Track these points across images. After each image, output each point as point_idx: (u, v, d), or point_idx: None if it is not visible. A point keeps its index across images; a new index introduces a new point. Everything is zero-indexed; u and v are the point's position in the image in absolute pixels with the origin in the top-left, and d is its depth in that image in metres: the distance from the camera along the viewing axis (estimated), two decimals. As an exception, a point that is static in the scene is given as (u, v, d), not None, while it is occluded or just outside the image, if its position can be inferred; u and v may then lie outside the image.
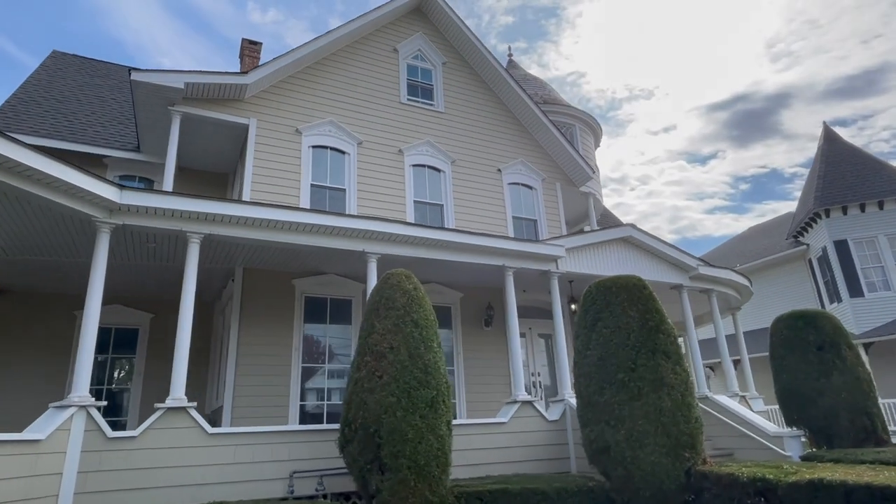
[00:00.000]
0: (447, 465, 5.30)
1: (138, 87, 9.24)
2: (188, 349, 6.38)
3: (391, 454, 5.09)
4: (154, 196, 6.46)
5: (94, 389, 9.98)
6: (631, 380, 6.01)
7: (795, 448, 8.25)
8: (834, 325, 8.73)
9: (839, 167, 19.49)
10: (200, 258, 8.46)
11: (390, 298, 5.74)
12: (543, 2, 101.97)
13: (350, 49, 11.91)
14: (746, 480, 5.02)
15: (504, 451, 7.59)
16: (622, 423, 5.91)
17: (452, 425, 7.15)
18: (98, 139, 11.19)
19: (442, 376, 5.59)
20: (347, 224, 7.41)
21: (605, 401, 6.11)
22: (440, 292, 10.67)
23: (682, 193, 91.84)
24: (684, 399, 5.96)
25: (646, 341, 6.15)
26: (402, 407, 5.21)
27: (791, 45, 77.60)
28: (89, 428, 5.57)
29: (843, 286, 18.15)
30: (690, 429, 5.84)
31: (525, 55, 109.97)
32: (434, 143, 12.04)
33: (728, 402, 9.38)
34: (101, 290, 6.09)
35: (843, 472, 4.63)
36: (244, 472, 6.07)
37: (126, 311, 10.41)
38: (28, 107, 11.24)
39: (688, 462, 5.72)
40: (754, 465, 5.47)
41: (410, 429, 5.16)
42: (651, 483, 5.65)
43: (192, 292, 6.54)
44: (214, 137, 10.71)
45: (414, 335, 5.55)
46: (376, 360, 5.46)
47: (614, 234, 9.75)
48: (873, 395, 8.33)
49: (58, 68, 13.23)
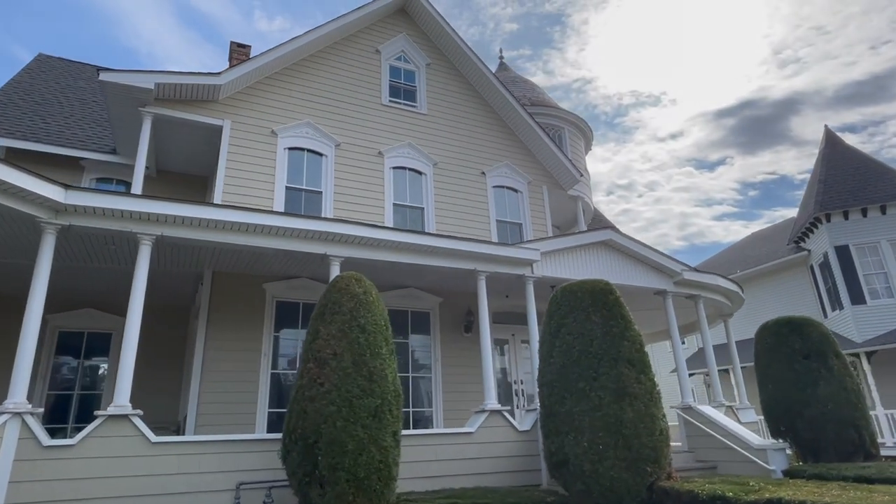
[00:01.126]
0: (391, 478, 5.03)
1: (108, 87, 9.11)
2: (134, 355, 6.17)
3: (329, 466, 4.84)
4: (102, 196, 6.28)
5: (59, 395, 9.97)
6: (592, 389, 5.72)
7: (780, 461, 7.89)
8: (821, 333, 8.37)
9: (840, 171, 19.03)
10: (164, 261, 8.36)
11: (337, 302, 5.50)
12: (548, 9, 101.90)
13: (331, 50, 11.75)
14: (705, 498, 4.70)
15: (471, 462, 7.29)
16: (582, 434, 5.61)
17: (418, 435, 6.94)
18: (75, 141, 11.10)
19: (389, 384, 5.32)
20: (304, 225, 7.19)
21: (566, 411, 5.82)
22: (418, 297, 10.43)
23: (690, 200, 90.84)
24: (648, 410, 5.65)
25: (609, 349, 5.85)
26: (343, 417, 4.95)
27: (798, 52, 76.89)
28: (24, 436, 5.36)
29: (844, 293, 17.65)
30: (654, 441, 5.52)
31: (530, 62, 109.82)
32: (415, 146, 11.82)
33: (712, 413, 9.02)
34: (43, 292, 5.90)
35: (806, 491, 4.31)
36: (189, 483, 5.84)
37: (98, 315, 10.24)
38: (6, 108, 11.17)
39: (650, 477, 5.41)
40: (720, 482, 5.15)
41: (351, 440, 4.90)
42: (610, 499, 5.34)
43: (142, 296, 6.34)
44: (191, 139, 10.56)
45: (360, 341, 5.30)
46: (318, 366, 5.21)
47: (594, 238, 9.45)
48: (862, 406, 7.95)
49: (41, 71, 13.20)
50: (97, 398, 10.19)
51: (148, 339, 10.33)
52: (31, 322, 5.74)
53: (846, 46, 72.34)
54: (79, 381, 10.17)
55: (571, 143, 14.72)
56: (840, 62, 74.00)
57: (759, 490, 4.56)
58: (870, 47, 70.92)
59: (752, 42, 78.42)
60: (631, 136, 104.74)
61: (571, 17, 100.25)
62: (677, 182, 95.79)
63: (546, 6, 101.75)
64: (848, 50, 72.86)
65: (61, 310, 9.97)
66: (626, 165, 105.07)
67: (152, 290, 9.63)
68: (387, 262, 7.96)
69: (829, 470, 6.80)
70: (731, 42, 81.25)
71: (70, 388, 10.02)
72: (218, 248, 7.49)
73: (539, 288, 9.19)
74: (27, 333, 5.69)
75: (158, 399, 9.84)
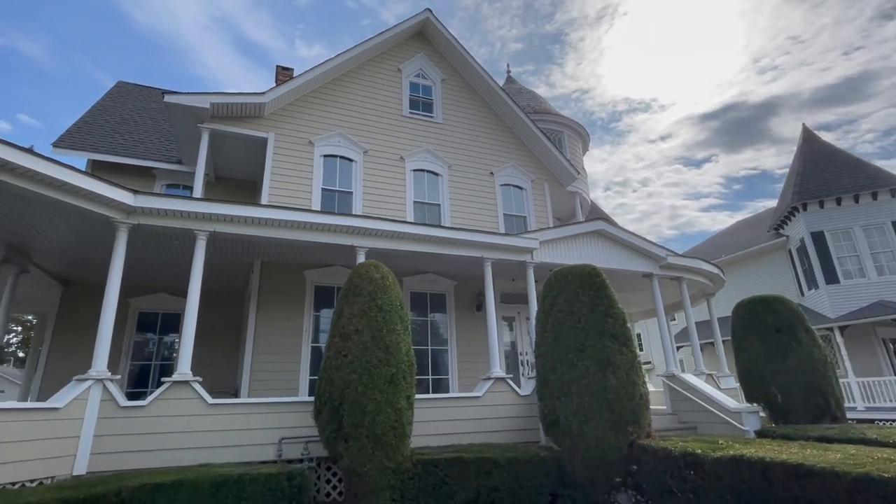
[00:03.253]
0: (405, 435, 5.09)
1: (171, 108, 9.33)
2: (194, 330, 6.36)
3: (352, 424, 4.92)
4: (164, 199, 6.45)
5: (142, 365, 10.35)
6: (579, 359, 5.67)
7: (753, 423, 7.70)
8: (790, 309, 8.09)
9: (817, 165, 18.24)
10: (221, 253, 8.55)
11: (358, 286, 5.55)
12: (548, 29, 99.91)
13: (359, 70, 11.77)
14: (678, 455, 4.63)
15: (479, 422, 7.32)
16: (570, 398, 5.57)
17: (433, 398, 6.99)
18: (148, 154, 11.40)
19: (403, 356, 5.36)
20: (334, 221, 7.26)
21: (557, 378, 5.78)
22: (436, 281, 10.45)
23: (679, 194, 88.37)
24: (629, 378, 5.56)
25: (594, 324, 5.78)
26: (363, 383, 5.02)
27: (776, 60, 73.74)
28: (105, 398, 5.60)
29: (819, 274, 17.01)
30: (634, 405, 5.45)
31: (534, 76, 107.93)
32: (432, 150, 11.79)
33: (694, 380, 8.84)
34: (119, 279, 6.12)
35: (767, 449, 4.20)
36: (240, 438, 6.01)
37: (169, 298, 10.57)
38: (92, 128, 11.54)
39: (630, 436, 5.34)
40: (692, 441, 5.05)
41: (370, 402, 4.97)
42: (595, 454, 5.30)
43: (199, 282, 6.51)
44: (243, 150, 10.72)
45: (377, 319, 5.34)
46: (343, 340, 5.29)
47: (587, 228, 9.30)
48: (829, 374, 7.67)
49: (120, 95, 13.57)
50: (172, 367, 10.57)
51: (210, 318, 10.66)
52: (109, 305, 5.95)
53: (820, 53, 69.10)
54: (157, 354, 10.54)
55: (570, 146, 14.45)
56: (815, 68, 70.76)
57: (726, 448, 4.46)
58: (842, 53, 67.63)
59: (732, 52, 75.61)
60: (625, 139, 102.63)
61: (569, 35, 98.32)
62: (667, 178, 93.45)
63: (546, 27, 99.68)
64: (822, 56, 69.58)
65: (139, 294, 10.34)
66: (621, 165, 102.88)
67: (213, 276, 9.94)
68: (405, 251, 7.99)
69: (796, 431, 6.61)
70: (713, 53, 78.61)
71: (150, 359, 10.40)
72: (263, 242, 7.64)
73: (540, 272, 9.10)
74: (106, 314, 5.91)
75: (219, 368, 10.15)
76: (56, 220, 6.32)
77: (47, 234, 6.84)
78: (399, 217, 10.81)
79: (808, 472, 3.49)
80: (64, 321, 9.74)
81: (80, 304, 9.92)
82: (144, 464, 5.52)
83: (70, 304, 9.92)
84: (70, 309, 9.89)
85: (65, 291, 9.94)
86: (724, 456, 4.19)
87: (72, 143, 10.73)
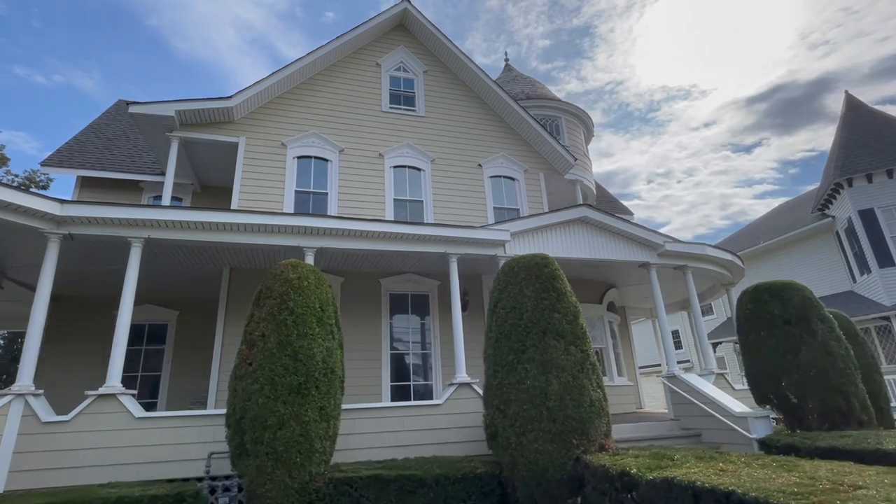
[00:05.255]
0: (312, 451, 4.57)
1: (138, 118, 9.33)
2: (126, 342, 6.14)
3: (252, 440, 4.48)
4: (93, 207, 6.28)
5: (128, 377, 10.40)
6: (520, 362, 4.97)
7: (762, 429, 6.69)
8: (803, 297, 6.96)
9: (863, 135, 16.28)
10: (193, 261, 8.35)
11: (269, 288, 5.12)
12: (576, 23, 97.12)
13: (335, 68, 11.46)
14: (615, 474, 3.86)
15: (437, 432, 6.70)
16: (509, 407, 4.89)
17: (380, 408, 6.46)
18: (135, 168, 11.56)
19: (317, 363, 4.86)
20: (264, 221, 6.87)
21: (497, 384, 5.11)
22: (417, 281, 9.92)
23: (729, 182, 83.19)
24: (576, 381, 4.81)
25: (538, 321, 5.06)
26: (265, 394, 4.57)
27: (826, 34, 67.97)
28: (26, 413, 5.44)
29: (871, 256, 15.10)
30: (581, 413, 4.68)
31: (563, 72, 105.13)
32: (413, 145, 11.28)
33: (695, 382, 7.83)
34: (48, 290, 5.98)
35: (711, 471, 3.39)
36: (170, 453, 5.71)
37: (155, 310, 10.61)
38: (83, 146, 11.85)
39: (576, 449, 4.58)
40: (645, 456, 4.24)
41: (271, 415, 4.51)
42: (534, 471, 4.59)
43: (132, 290, 6.28)
44: (221, 156, 10.60)
45: (286, 322, 4.88)
46: (248, 348, 4.87)
47: (569, 216, 8.48)
48: (850, 372, 6.51)
49: (118, 114, 13.95)
50: (160, 377, 10.59)
51: (191, 328, 10.71)
52: (35, 318, 5.81)
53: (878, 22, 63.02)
54: (142, 365, 10.58)
55: (569, 131, 13.53)
56: (873, 38, 64.60)
57: (666, 467, 3.65)
58: (903, 20, 61.40)
59: (777, 30, 70.28)
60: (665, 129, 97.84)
61: (598, 27, 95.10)
62: (715, 166, 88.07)
63: (574, 21, 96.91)
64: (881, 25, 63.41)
65: (126, 306, 10.41)
66: (663, 155, 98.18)
67: (190, 285, 9.86)
68: (359, 250, 7.51)
69: (805, 439, 5.60)
70: (754, 33, 73.41)
71: (135, 371, 10.45)
72: (198, 246, 7.15)
73: (518, 267, 8.38)
74: (32, 327, 5.77)
75: (202, 379, 10.06)
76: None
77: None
78: (377, 216, 10.38)
79: (739, 502, 2.71)
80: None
81: (60, 316, 10.12)
82: (65, 481, 5.31)
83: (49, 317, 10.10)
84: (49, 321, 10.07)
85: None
86: (657, 478, 3.41)
87: (60, 161, 11.03)
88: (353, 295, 9.48)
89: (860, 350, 9.34)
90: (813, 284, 17.68)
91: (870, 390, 9.00)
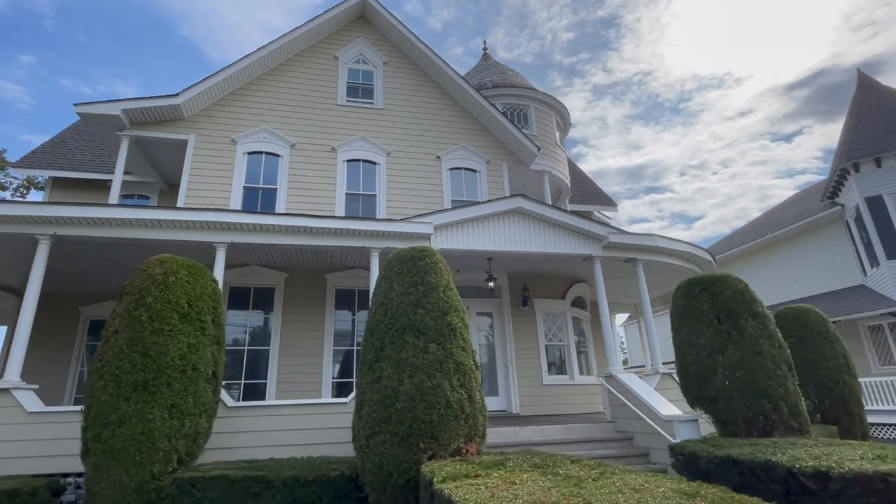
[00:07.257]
0: (155, 450, 4.48)
1: (86, 118, 9.51)
2: (28, 336, 6.22)
3: (92, 438, 4.44)
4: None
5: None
6: (377, 360, 4.73)
7: (688, 433, 6.25)
8: (734, 291, 6.37)
9: (872, 116, 14.99)
10: (101, 258, 8.33)
11: (131, 284, 5.06)
12: (600, 14, 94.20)
13: (291, 62, 11.39)
14: (425, 482, 3.58)
15: (341, 431, 6.50)
16: (363, 407, 4.65)
17: (266, 406, 6.33)
18: (102, 168, 11.86)
19: (172, 359, 4.77)
20: (173, 216, 6.83)
21: (358, 384, 4.88)
22: (365, 277, 9.73)
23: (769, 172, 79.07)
24: (432, 381, 4.51)
25: (399, 318, 4.79)
26: (108, 391, 4.51)
27: (873, 14, 63.20)
28: (-78, 406, 5.61)
29: (879, 247, 13.92)
30: (432, 415, 4.39)
31: (589, 64, 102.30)
32: (368, 139, 11.10)
33: (629, 382, 7.35)
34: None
35: (492, 482, 3.07)
36: (61, 447, 5.77)
37: (117, 306, 10.84)
38: (57, 147, 12.26)
39: (423, 454, 4.30)
40: (476, 464, 3.93)
41: (113, 413, 4.45)
42: (380, 475, 4.34)
43: (37, 287, 6.36)
44: (177, 155, 10.70)
45: (141, 318, 4.81)
46: (103, 344, 4.82)
47: (501, 207, 8.09)
48: (781, 373, 5.91)
49: (99, 115, 14.37)
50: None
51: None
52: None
53: (932, -1, 58.08)
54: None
55: (539, 120, 13.01)
56: (924, 17, 59.59)
57: (476, 476, 3.33)
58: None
59: (817, 13, 65.87)
60: (698, 119, 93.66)
61: (623, 17, 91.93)
62: (753, 157, 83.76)
63: (598, 12, 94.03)
64: (934, 3, 58.44)
65: (90, 302, 10.71)
66: (696, 147, 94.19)
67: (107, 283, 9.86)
68: (277, 245, 7.39)
69: (709, 447, 5.09)
70: (792, 16, 69.09)
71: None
72: (111, 243, 7.02)
73: (452, 262, 8.09)
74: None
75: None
76: None
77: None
78: (328, 212, 10.26)
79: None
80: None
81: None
82: (-44, 473, 5.44)
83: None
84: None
85: (19, 302, 10.54)
86: (443, 489, 3.11)
87: (31, 162, 11.44)
88: (298, 290, 9.42)
89: (831, 349, 8.60)
90: (821, 279, 16.52)
91: (839, 393, 8.30)
